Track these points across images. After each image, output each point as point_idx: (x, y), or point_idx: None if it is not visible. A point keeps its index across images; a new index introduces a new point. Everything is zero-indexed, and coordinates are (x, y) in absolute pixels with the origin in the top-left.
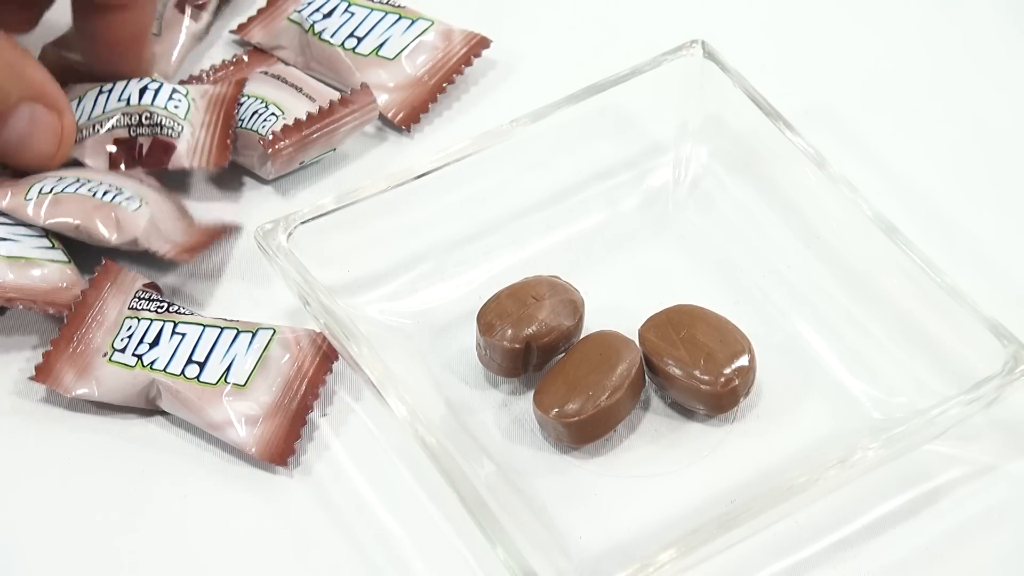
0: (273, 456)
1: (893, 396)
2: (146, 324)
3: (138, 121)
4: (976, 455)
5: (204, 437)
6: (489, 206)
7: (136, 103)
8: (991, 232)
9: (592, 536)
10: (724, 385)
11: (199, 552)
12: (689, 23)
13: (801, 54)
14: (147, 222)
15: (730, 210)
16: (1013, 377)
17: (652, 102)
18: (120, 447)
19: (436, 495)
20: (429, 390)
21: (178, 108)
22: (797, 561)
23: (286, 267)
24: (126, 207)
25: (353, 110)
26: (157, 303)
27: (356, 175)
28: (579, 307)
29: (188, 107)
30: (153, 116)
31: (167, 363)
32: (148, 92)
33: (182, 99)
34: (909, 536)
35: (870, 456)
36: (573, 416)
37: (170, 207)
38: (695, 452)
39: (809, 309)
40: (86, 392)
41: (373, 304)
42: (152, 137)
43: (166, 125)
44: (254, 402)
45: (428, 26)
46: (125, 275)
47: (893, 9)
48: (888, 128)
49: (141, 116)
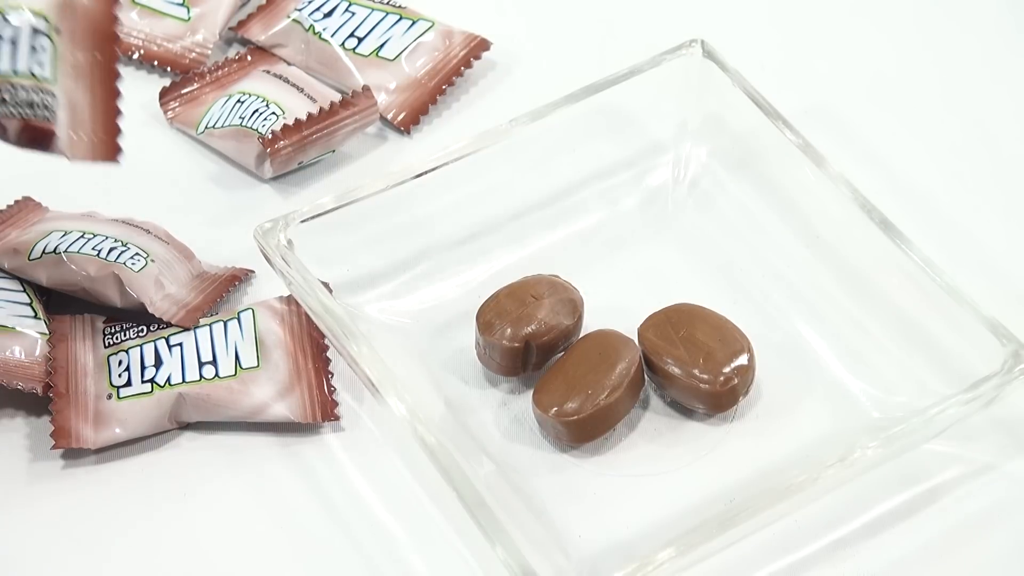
0: (324, 414)
1: (892, 395)
2: (136, 352)
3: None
4: (975, 454)
5: (204, 437)
6: (488, 206)
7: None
8: (990, 231)
9: (591, 535)
10: (723, 384)
11: (199, 552)
12: (689, 23)
13: (800, 54)
14: (153, 283)
15: (729, 209)
16: (1012, 376)
17: (651, 102)
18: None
19: (435, 494)
20: (428, 389)
21: (43, 65)
22: (796, 560)
23: (285, 266)
24: (131, 266)
25: (354, 112)
26: (133, 329)
27: (356, 175)
28: (578, 306)
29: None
30: (16, 91)
31: (183, 374)
32: (3, 45)
33: (45, 45)
34: (908, 535)
35: (869, 455)
36: (572, 415)
37: (177, 259)
38: (694, 451)
39: (808, 308)
40: (112, 436)
41: (372, 303)
42: (22, 121)
43: (36, 103)
44: (275, 375)
45: (428, 27)
46: (82, 322)
47: (893, 9)
48: (887, 127)
49: (2, 91)
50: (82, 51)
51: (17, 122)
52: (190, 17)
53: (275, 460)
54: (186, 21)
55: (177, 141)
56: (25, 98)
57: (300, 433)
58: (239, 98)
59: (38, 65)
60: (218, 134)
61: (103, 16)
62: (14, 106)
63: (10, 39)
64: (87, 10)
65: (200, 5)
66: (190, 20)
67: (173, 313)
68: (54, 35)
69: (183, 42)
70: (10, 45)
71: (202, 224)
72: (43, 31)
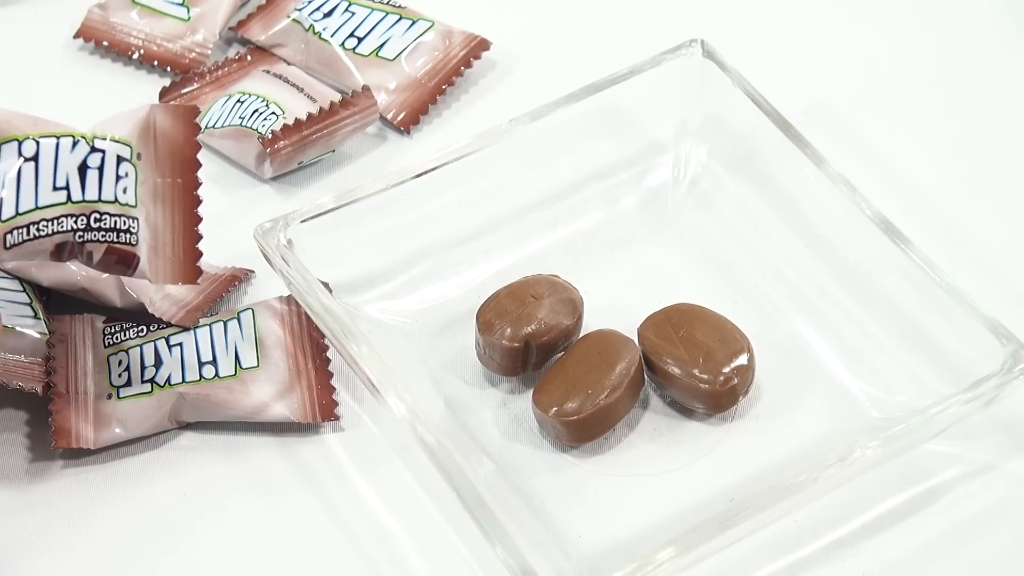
0: (323, 414)
1: (892, 395)
2: (136, 352)
3: (85, 225)
4: (975, 454)
5: (204, 437)
6: (488, 205)
7: (80, 197)
8: (990, 231)
9: (591, 535)
10: (723, 384)
11: (199, 552)
12: (688, 22)
13: (800, 53)
14: (154, 285)
15: (729, 209)
16: (1012, 376)
17: (651, 101)
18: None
19: (435, 494)
20: (428, 389)
21: (127, 191)
22: (796, 560)
23: (285, 266)
24: None
25: (354, 112)
26: (133, 329)
27: (356, 175)
28: (578, 306)
29: (136, 181)
30: (103, 218)
31: (183, 374)
32: (90, 174)
33: (129, 171)
34: (908, 535)
35: (869, 455)
36: (572, 415)
37: None
38: (694, 451)
39: (808, 308)
40: (112, 436)
41: (372, 303)
42: (105, 245)
43: (121, 229)
44: (275, 375)
45: (428, 27)
46: (82, 322)
47: (892, 9)
48: (887, 127)
49: (89, 219)
50: (163, 176)
51: (103, 247)
52: (190, 17)
53: (275, 460)
54: (186, 21)
55: None
56: (110, 224)
57: (300, 433)
58: (239, 98)
59: (123, 192)
60: (218, 134)
61: (184, 141)
62: (100, 232)
63: (97, 167)
64: (168, 136)
65: (200, 5)
66: (190, 20)
67: (173, 313)
68: (136, 161)
69: (183, 42)
70: (97, 173)
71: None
72: (127, 158)
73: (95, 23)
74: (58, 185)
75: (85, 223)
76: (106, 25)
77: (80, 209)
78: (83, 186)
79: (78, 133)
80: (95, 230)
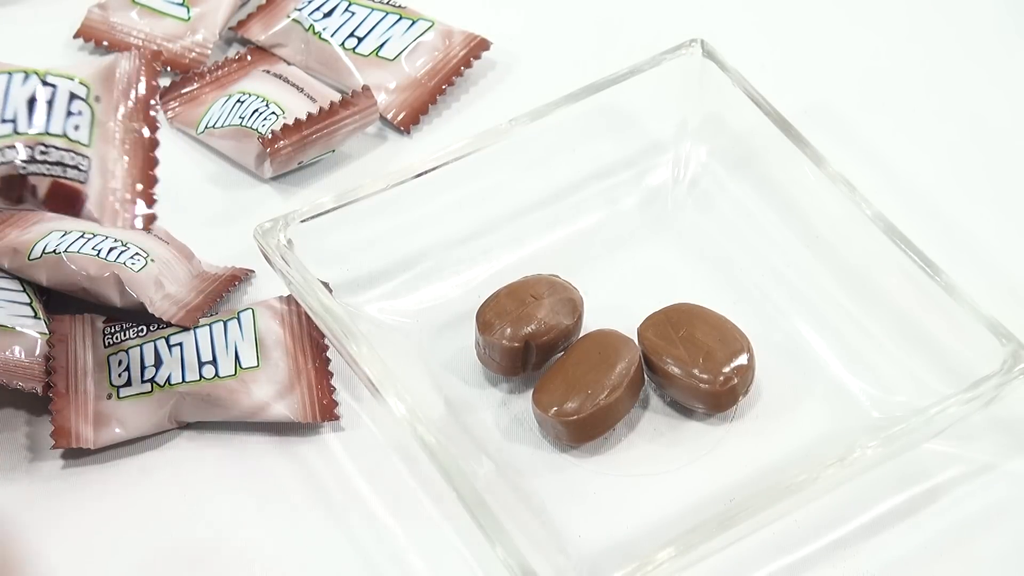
0: (323, 414)
1: (892, 395)
2: (136, 351)
3: (30, 157)
4: (975, 454)
5: (204, 437)
6: (488, 205)
7: (26, 128)
8: (990, 231)
9: (591, 534)
10: (723, 384)
11: (199, 552)
12: (688, 22)
13: (800, 53)
14: (153, 283)
15: (729, 209)
16: (1012, 376)
17: (651, 101)
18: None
19: (435, 494)
20: (428, 389)
21: (80, 129)
22: (796, 560)
23: (285, 266)
24: (131, 266)
25: (353, 112)
26: (133, 329)
27: (356, 175)
28: (578, 306)
29: (92, 122)
30: (48, 151)
31: (183, 374)
32: (38, 106)
33: (83, 109)
34: (908, 534)
35: (869, 455)
36: (572, 415)
37: (177, 259)
38: (694, 451)
39: (808, 308)
40: (112, 436)
41: (372, 303)
42: (51, 180)
43: (68, 164)
44: (275, 375)
45: (428, 27)
46: (82, 322)
47: (891, 9)
48: (887, 127)
49: (34, 150)
50: (121, 119)
51: (48, 182)
52: (190, 17)
53: (275, 460)
54: (186, 21)
55: (177, 141)
56: (56, 159)
57: (300, 433)
58: (239, 98)
59: (74, 128)
60: (218, 134)
61: (145, 86)
62: (45, 165)
63: (46, 100)
64: (129, 80)
65: (200, 5)
66: (190, 20)
67: (173, 313)
68: (94, 103)
69: (183, 42)
70: (46, 106)
71: (202, 224)
72: (82, 97)
73: (95, 23)
74: (6, 117)
75: (29, 155)
76: (106, 25)
77: (26, 140)
78: (30, 118)
79: (31, 69)
80: (39, 163)
